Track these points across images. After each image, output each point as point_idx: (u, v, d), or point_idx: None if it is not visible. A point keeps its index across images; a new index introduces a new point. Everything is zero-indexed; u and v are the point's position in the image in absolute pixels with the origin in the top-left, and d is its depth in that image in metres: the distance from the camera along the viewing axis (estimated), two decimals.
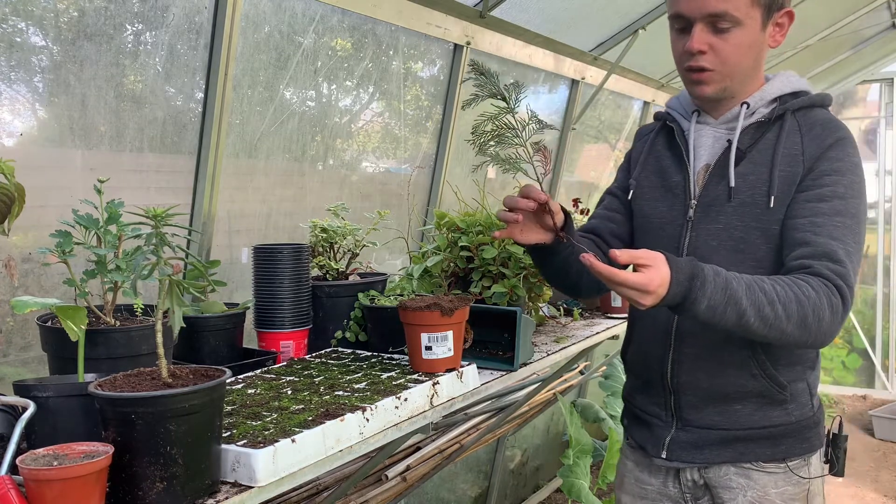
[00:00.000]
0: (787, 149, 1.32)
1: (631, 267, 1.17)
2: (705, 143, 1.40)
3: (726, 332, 1.22)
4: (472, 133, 1.24)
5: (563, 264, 1.37)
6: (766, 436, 1.35)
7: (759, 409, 1.35)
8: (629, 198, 1.46)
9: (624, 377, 3.26)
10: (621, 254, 1.15)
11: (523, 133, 1.24)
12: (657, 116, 1.49)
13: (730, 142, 1.36)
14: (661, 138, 1.47)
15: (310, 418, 1.21)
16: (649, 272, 1.15)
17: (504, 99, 1.22)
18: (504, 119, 1.22)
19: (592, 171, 4.44)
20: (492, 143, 1.24)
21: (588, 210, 2.74)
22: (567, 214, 1.37)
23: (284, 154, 2.36)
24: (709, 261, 1.34)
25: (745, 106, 1.37)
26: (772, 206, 1.30)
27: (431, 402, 1.41)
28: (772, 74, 1.40)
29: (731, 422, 1.36)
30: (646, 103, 4.56)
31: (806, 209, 1.27)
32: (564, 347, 1.99)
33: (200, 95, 2.03)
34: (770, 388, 1.35)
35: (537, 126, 1.23)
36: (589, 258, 1.15)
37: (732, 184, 1.33)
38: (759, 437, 1.35)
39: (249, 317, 1.73)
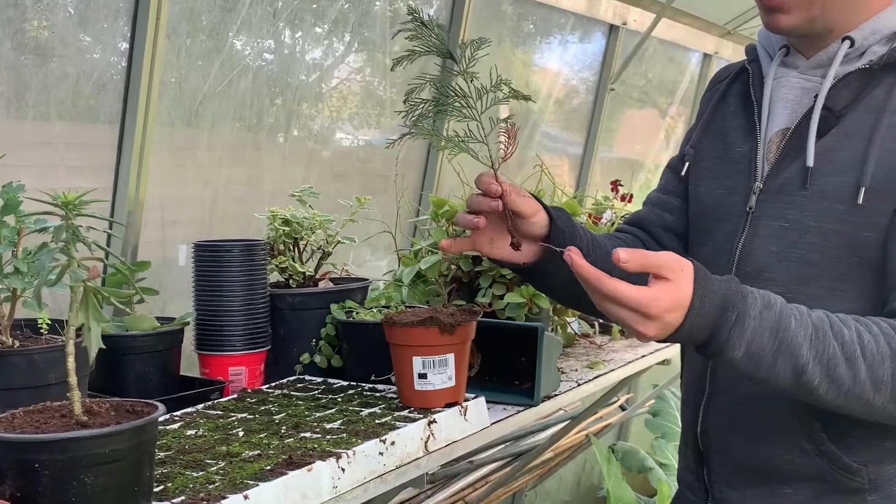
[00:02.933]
0: None
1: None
2: (787, 97, 1.26)
3: (780, 391, 1.09)
4: (404, 102, 1.19)
5: (566, 285, 1.21)
6: None
7: (818, 498, 1.20)
8: (683, 173, 1.36)
9: (679, 414, 3.26)
10: (628, 256, 1.02)
11: (478, 103, 1.17)
12: (746, 52, 1.35)
13: (818, 96, 1.21)
14: (737, 87, 1.34)
15: (268, 468, 1.20)
16: (660, 288, 1.02)
17: (450, 57, 1.17)
18: (452, 85, 1.17)
19: (637, 143, 4.45)
20: (430, 115, 1.19)
21: (631, 197, 2.74)
22: (549, 211, 1.26)
23: (235, 122, 2.36)
24: (763, 277, 1.19)
25: (846, 42, 1.21)
26: (860, 202, 1.14)
27: (426, 447, 1.41)
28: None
29: None
30: (706, 56, 4.56)
31: None
32: (600, 375, 1.99)
33: (125, 46, 2.03)
34: (831, 471, 1.19)
35: (505, 94, 1.17)
36: (572, 253, 1.04)
37: (810, 162, 1.18)
38: None
39: (189, 335, 1.73)
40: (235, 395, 1.60)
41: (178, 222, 2.25)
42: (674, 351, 2.33)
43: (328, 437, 1.34)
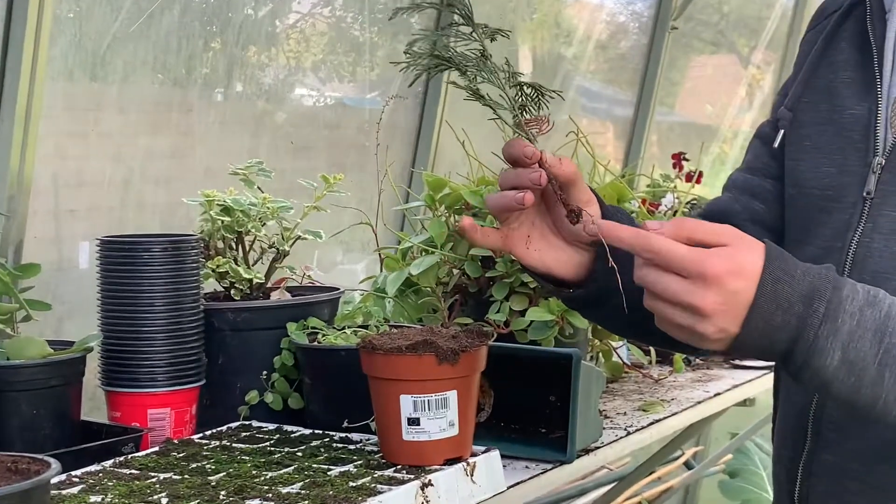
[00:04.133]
0: None
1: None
2: None
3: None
4: (406, 52, 1.22)
5: (635, 310, 1.20)
6: None
7: None
8: (775, 145, 1.38)
9: (768, 475, 3.27)
10: (660, 223, 1.10)
11: (498, 72, 1.21)
12: None
13: None
14: (850, 26, 1.35)
15: None
16: (716, 250, 1.08)
17: (465, 17, 1.20)
18: (464, 52, 1.20)
19: (708, 103, 4.44)
20: (430, 70, 1.23)
21: (700, 176, 2.74)
22: (604, 205, 1.28)
23: (155, 74, 2.35)
24: (888, 286, 1.18)
25: None
26: None
27: None
28: None
29: None
30: None
31: None
32: (658, 420, 1.99)
33: None
34: None
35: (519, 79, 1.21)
36: (600, 223, 1.11)
37: None
38: None
39: (93, 366, 1.72)
40: (157, 448, 1.59)
41: (77, 211, 2.24)
42: (759, 387, 2.33)
43: None
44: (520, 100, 1.22)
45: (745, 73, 4.62)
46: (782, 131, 1.37)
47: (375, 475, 1.45)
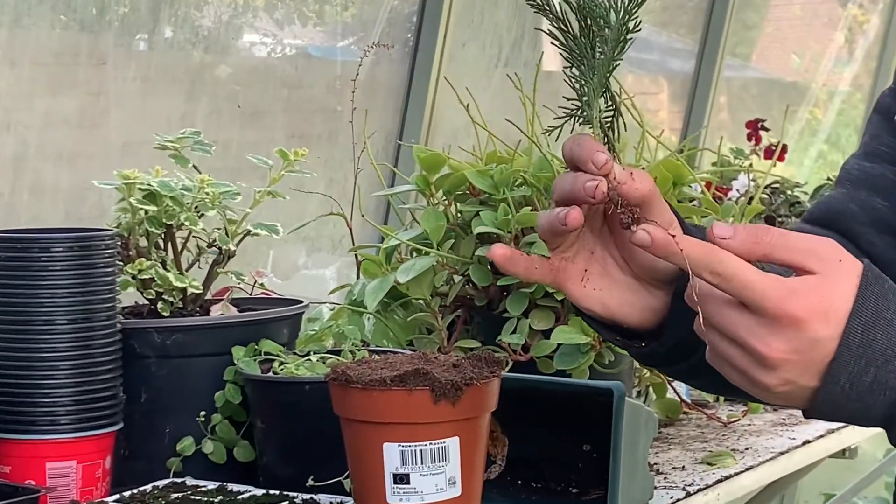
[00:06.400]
0: None
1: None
2: None
3: None
4: None
5: (707, 366, 1.20)
6: None
7: None
8: None
9: None
10: (732, 230, 1.09)
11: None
12: None
13: None
14: None
15: None
16: (800, 279, 1.09)
17: None
18: None
19: (794, 53, 4.44)
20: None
21: (784, 151, 2.74)
22: (686, 226, 1.25)
23: (56, 15, 2.35)
24: None
25: None
26: None
27: None
28: None
29: None
30: None
31: None
32: (728, 478, 1.99)
33: None
34: None
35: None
36: (652, 230, 1.11)
37: None
38: None
39: None
40: None
41: None
42: (863, 433, 2.32)
43: None
44: (608, 93, 1.20)
45: (843, 13, 4.63)
46: None
47: None
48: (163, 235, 1.89)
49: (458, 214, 1.96)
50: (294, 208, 2.08)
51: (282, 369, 1.77)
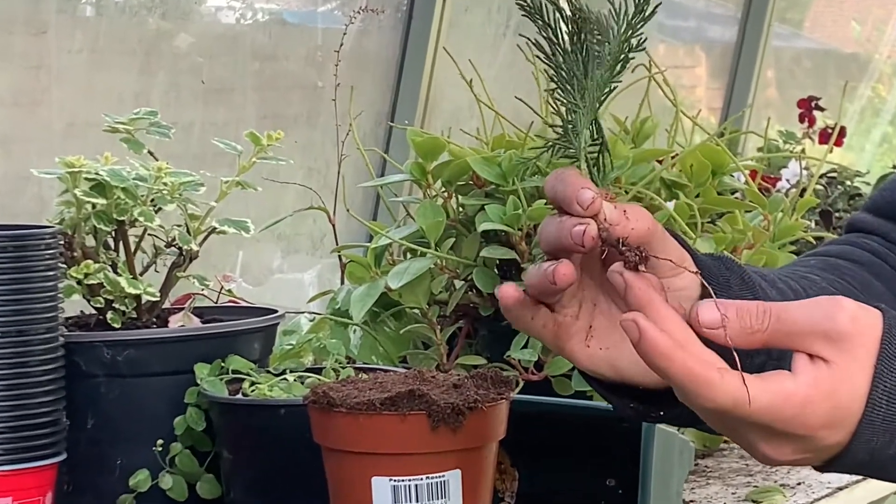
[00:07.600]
0: None
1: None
2: None
3: None
4: None
5: None
6: None
7: None
8: None
9: None
10: (721, 312, 1.07)
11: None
12: None
13: None
14: None
15: None
16: (813, 379, 1.09)
17: None
18: None
19: (854, 19, 4.45)
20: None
21: (842, 135, 2.73)
22: (699, 259, 1.23)
23: None
24: None
25: None
26: None
27: None
28: None
29: None
30: None
31: None
32: None
33: None
34: None
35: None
36: (635, 319, 1.07)
37: None
38: None
39: None
40: None
41: None
42: None
43: None
44: (596, 124, 1.19)
45: None
46: None
47: None
48: (113, 233, 1.90)
49: (460, 209, 1.97)
50: (267, 201, 2.08)
51: (253, 390, 1.77)
